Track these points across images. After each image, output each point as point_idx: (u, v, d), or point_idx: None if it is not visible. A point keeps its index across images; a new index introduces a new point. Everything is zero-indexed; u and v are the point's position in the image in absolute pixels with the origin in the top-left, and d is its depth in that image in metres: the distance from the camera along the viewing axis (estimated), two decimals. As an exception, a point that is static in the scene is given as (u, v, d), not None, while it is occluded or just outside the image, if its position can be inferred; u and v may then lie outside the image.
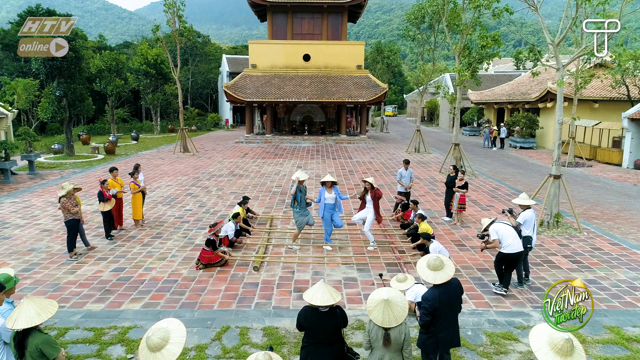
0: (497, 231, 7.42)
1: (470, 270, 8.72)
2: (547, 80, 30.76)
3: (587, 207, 14.17)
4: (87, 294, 7.61)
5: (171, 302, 7.33)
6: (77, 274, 8.45)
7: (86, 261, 9.12)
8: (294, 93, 30.14)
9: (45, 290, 7.71)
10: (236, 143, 31.05)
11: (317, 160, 23.64)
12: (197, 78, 51.68)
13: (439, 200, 14.37)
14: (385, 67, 41.19)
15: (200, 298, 7.46)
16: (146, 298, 7.44)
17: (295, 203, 9.73)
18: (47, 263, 9.02)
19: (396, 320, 3.97)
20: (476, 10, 17.74)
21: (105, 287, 7.87)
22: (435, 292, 4.66)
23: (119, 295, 7.56)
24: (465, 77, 17.93)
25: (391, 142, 33.05)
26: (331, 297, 4.23)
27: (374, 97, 30.18)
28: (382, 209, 13.31)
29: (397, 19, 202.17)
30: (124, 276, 8.35)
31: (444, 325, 4.65)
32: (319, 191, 9.87)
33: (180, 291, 7.71)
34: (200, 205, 13.84)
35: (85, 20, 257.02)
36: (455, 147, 19.01)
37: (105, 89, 31.58)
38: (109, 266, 8.86)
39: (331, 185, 9.77)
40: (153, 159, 23.95)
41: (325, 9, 32.09)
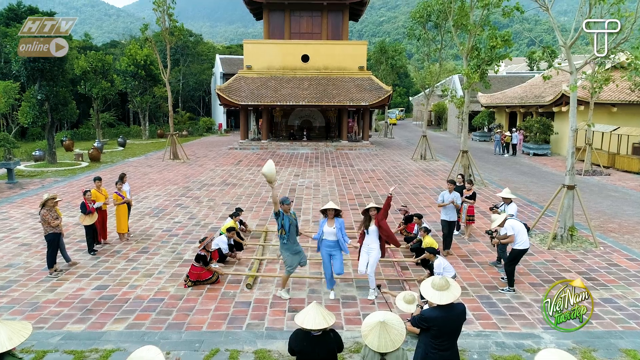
0: (514, 227, 8.35)
1: (477, 288, 8.75)
2: (562, 83, 30.91)
3: (604, 219, 14.21)
4: (68, 313, 7.63)
5: (157, 322, 7.35)
6: (57, 292, 8.48)
7: (67, 278, 9.15)
8: (291, 96, 30.30)
9: (22, 310, 7.74)
10: (230, 149, 31.17)
11: (316, 168, 23.73)
12: (189, 80, 51.98)
13: (446, 212, 14.39)
14: (389, 68, 41.44)
15: (188, 318, 7.48)
16: (130, 318, 7.47)
17: (282, 232, 7.94)
18: (25, 280, 9.05)
19: (393, 345, 4.00)
20: (485, 9, 17.91)
21: (87, 306, 7.90)
22: (435, 313, 4.68)
23: (101, 315, 7.58)
24: (473, 79, 18.06)
25: (396, 149, 33.16)
26: (324, 320, 4.26)
27: (377, 100, 30.33)
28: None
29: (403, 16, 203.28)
30: (107, 294, 8.38)
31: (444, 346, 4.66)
32: (320, 223, 8.34)
33: (167, 311, 7.74)
34: (190, 217, 13.89)
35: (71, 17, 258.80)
36: (463, 155, 19.08)
37: (90, 91, 31.80)
38: (91, 283, 8.89)
39: (334, 216, 8.09)
40: (140, 167, 24.04)
41: (325, 6, 32.36)
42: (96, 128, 32.66)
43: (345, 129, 32.77)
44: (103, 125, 39.38)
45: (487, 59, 18.42)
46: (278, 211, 7.82)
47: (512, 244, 8.59)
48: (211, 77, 53.33)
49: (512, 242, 8.47)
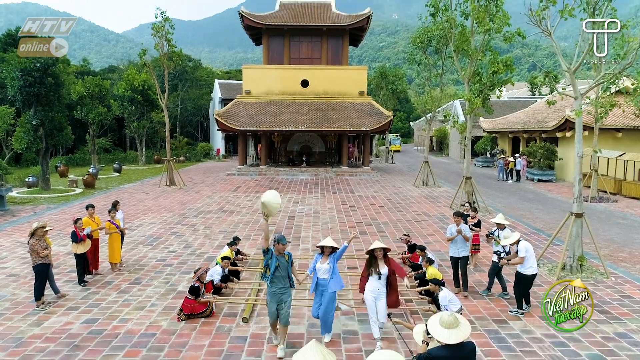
0: (528, 249, 8.48)
1: (485, 322, 8.49)
2: (565, 108, 31.08)
3: (613, 248, 14.00)
4: (54, 349, 7.37)
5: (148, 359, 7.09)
6: (43, 327, 8.22)
7: (55, 311, 8.90)
8: (291, 121, 30.41)
9: (6, 346, 7.48)
10: (228, 175, 31.09)
11: (315, 194, 23.59)
12: (187, 104, 52.34)
13: (450, 240, 14.18)
14: (389, 93, 41.75)
15: (180, 355, 7.22)
16: (119, 355, 7.20)
17: (267, 272, 7.10)
18: (11, 313, 8.80)
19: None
20: (486, 34, 18.08)
21: (74, 342, 7.63)
22: (443, 352, 4.47)
23: (89, 351, 7.32)
24: (476, 105, 18.12)
25: (397, 174, 33.09)
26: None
27: (377, 126, 30.42)
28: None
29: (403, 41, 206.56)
30: (95, 329, 8.12)
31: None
32: (314, 259, 7.82)
33: (159, 347, 7.47)
34: (186, 246, 13.68)
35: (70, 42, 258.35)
36: (466, 181, 18.98)
37: (86, 116, 31.92)
38: (79, 317, 8.63)
39: (330, 253, 7.56)
40: (136, 193, 23.90)
41: (324, 32, 32.79)
42: (92, 154, 32.67)
43: (346, 154, 32.79)
44: (99, 151, 39.38)
45: (489, 84, 18.55)
46: (268, 248, 7.09)
47: (520, 267, 8.62)
48: (210, 102, 53.72)
49: (521, 264, 8.50)
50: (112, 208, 11.61)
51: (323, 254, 7.61)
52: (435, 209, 19.67)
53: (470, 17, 18.56)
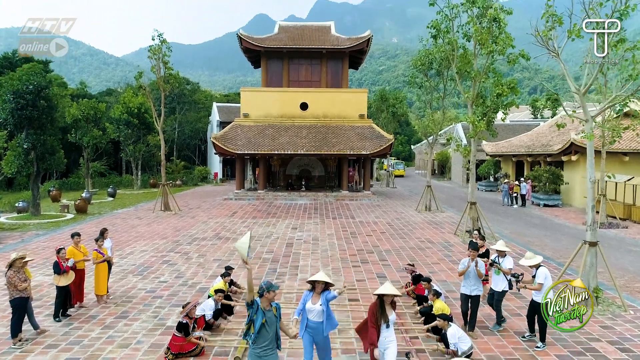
0: (547, 276, 8.41)
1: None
2: (569, 131, 30.84)
3: (628, 277, 13.46)
4: (26, 394, 6.81)
5: (129, 406, 6.53)
6: (18, 367, 7.66)
7: (32, 349, 8.34)
8: (289, 144, 30.11)
9: (-26, 390, 6.92)
10: (224, 200, 30.63)
11: (315, 220, 23.10)
12: (185, 128, 52.26)
13: (456, 269, 13.65)
14: (390, 116, 41.64)
15: (165, 401, 6.65)
16: (98, 401, 6.64)
17: (251, 329, 5.90)
18: (-15, 352, 8.24)
19: None
20: (489, 56, 17.90)
21: (50, 385, 7.07)
22: None
23: (65, 396, 6.76)
24: (479, 128, 17.80)
25: (398, 199, 32.64)
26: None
27: (378, 149, 30.11)
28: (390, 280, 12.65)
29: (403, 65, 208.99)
30: (75, 370, 7.57)
31: None
32: (303, 297, 6.93)
33: (142, 391, 6.91)
34: (178, 276, 13.14)
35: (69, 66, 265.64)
36: (471, 207, 18.54)
37: (80, 140, 31.64)
38: (58, 356, 8.07)
39: (322, 290, 6.70)
40: (129, 219, 23.41)
41: (324, 54, 32.79)
42: (85, 178, 32.28)
43: (346, 178, 32.40)
44: (93, 175, 39.04)
45: (493, 107, 18.26)
46: (252, 301, 5.82)
47: (535, 295, 8.47)
48: (208, 125, 53.64)
49: (539, 291, 8.32)
50: (99, 236, 11.14)
51: (314, 291, 6.74)
52: (440, 235, 19.16)
53: (473, 39, 18.43)
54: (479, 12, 18.25)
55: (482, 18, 18.10)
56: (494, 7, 17.43)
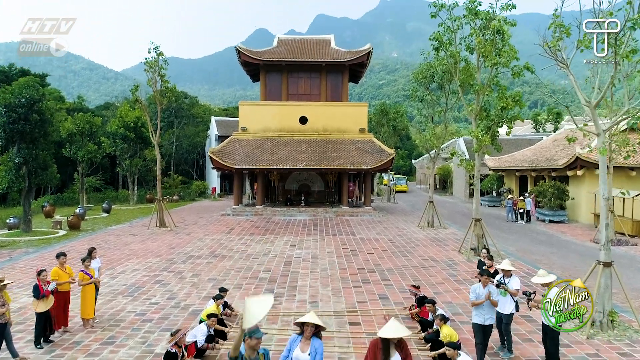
0: None
1: (511, 395, 7.38)
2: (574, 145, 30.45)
3: (643, 298, 12.90)
4: None
5: None
6: (-9, 401, 7.12)
7: (9, 380, 7.80)
8: (288, 159, 29.71)
9: None
10: (222, 216, 30.13)
11: (314, 236, 22.58)
12: (183, 142, 51.95)
13: (462, 290, 13.13)
14: (391, 130, 41.34)
15: None
16: None
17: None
18: (-43, 383, 7.70)
19: None
20: (493, 69, 17.57)
21: (24, 422, 6.52)
22: None
23: None
24: (484, 142, 17.40)
25: (400, 214, 32.14)
26: None
27: (379, 164, 29.70)
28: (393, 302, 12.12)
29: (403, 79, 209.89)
30: (52, 404, 7.02)
31: None
32: (289, 342, 5.95)
33: None
34: (170, 297, 12.60)
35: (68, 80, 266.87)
36: (476, 223, 18.05)
37: (75, 154, 31.23)
38: (36, 388, 7.53)
39: (311, 335, 5.75)
40: (123, 236, 22.89)
41: (324, 67, 32.56)
42: (80, 193, 31.80)
43: (346, 193, 31.93)
44: (89, 190, 38.58)
45: (497, 121, 17.88)
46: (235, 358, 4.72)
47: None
48: (206, 139, 53.34)
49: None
50: (86, 256, 10.63)
51: (303, 335, 5.77)
52: (443, 253, 18.63)
53: (476, 51, 18.12)
54: (482, 24, 18.00)
55: (485, 30, 17.84)
56: (497, 18, 17.14)
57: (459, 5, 18.56)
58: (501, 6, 17.44)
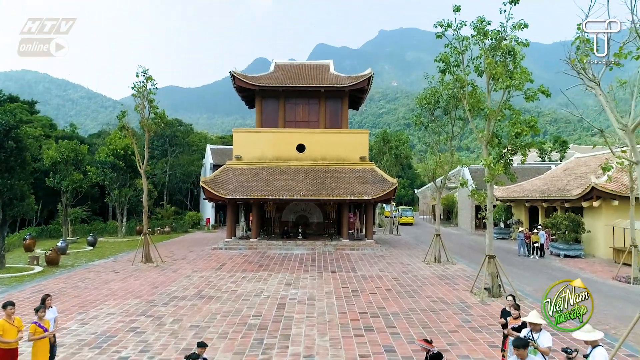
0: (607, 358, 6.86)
1: None
2: (586, 174, 29.18)
3: (689, 351, 11.34)
4: None
5: None
6: None
7: None
8: (285, 189, 28.38)
9: None
10: (213, 249, 28.59)
11: (312, 274, 21.02)
12: (177, 171, 50.68)
13: (479, 341, 11.59)
14: (393, 159, 40.13)
15: None
16: None
17: None
18: None
19: None
20: (505, 92, 16.42)
21: None
22: None
23: None
24: (496, 171, 16.12)
25: (404, 248, 30.60)
26: None
27: (381, 194, 28.35)
28: (401, 356, 10.55)
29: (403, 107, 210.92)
30: None
31: None
32: None
33: None
34: (143, 349, 11.05)
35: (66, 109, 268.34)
36: (489, 261, 16.57)
37: (59, 184, 29.88)
38: None
39: None
40: (104, 273, 21.33)
41: (322, 93, 31.56)
42: (63, 225, 30.29)
43: (346, 225, 30.44)
44: (75, 221, 37.06)
45: (511, 148, 16.63)
46: None
47: None
48: (201, 168, 52.15)
49: None
50: (40, 305, 9.20)
51: None
52: (453, 293, 17.07)
53: (485, 74, 17.01)
54: (492, 44, 16.96)
55: (495, 51, 16.77)
56: (509, 37, 16.09)
57: (466, 25, 17.56)
58: (512, 25, 16.43)
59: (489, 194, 17.08)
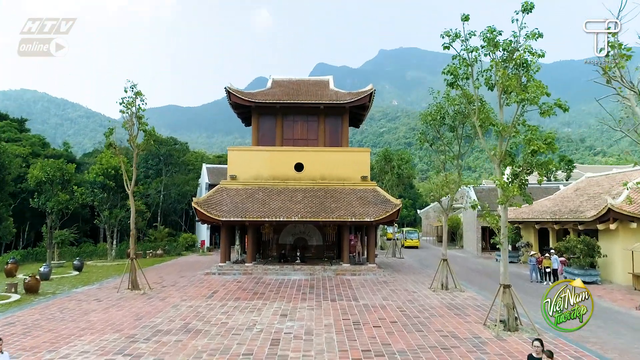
0: None
1: None
2: (600, 195, 27.94)
3: None
4: None
5: None
6: None
7: None
8: (282, 210, 27.08)
9: None
10: (206, 275, 27.18)
11: (310, 303, 19.58)
12: (171, 191, 49.39)
13: (500, 388, 10.16)
14: (395, 179, 38.87)
15: None
16: None
17: None
18: None
19: None
20: (519, 106, 15.25)
21: None
22: None
23: None
24: (511, 193, 14.84)
25: (408, 273, 29.15)
26: None
27: (384, 216, 27.03)
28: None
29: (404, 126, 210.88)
30: None
31: None
32: None
33: None
34: (113, 399, 9.62)
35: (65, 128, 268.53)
36: (505, 290, 15.19)
37: (44, 205, 28.58)
38: None
39: None
40: (85, 301, 19.91)
41: (322, 110, 30.48)
42: (48, 248, 28.88)
43: (347, 248, 29.00)
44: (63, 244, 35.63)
45: (526, 167, 15.38)
46: None
47: None
48: (196, 188, 50.91)
49: None
50: (-14, 352, 7.81)
51: None
52: (465, 326, 15.64)
53: (497, 87, 15.86)
54: (504, 55, 15.85)
55: (507, 62, 15.66)
56: (524, 47, 14.98)
57: (475, 35, 16.46)
58: (526, 35, 15.34)
59: (503, 217, 15.78)
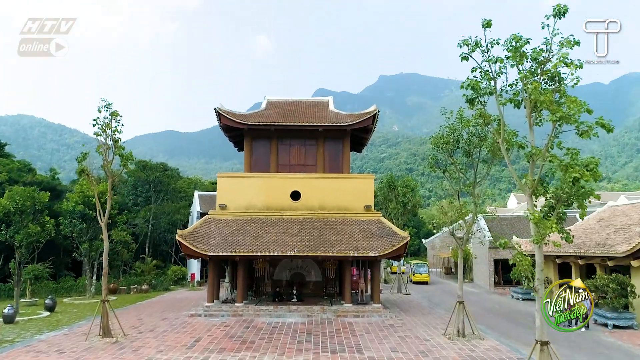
0: None
1: None
2: (629, 226, 25.48)
3: None
4: None
5: None
6: None
7: None
8: (277, 244, 24.58)
9: None
10: (190, 317, 24.47)
11: (306, 355, 16.92)
12: (161, 220, 46.84)
13: None
14: (400, 207, 36.40)
15: None
16: None
17: None
18: None
19: None
20: (555, 126, 12.94)
21: None
22: None
23: None
24: (549, 230, 12.42)
25: (417, 314, 26.41)
26: None
27: (390, 250, 24.52)
28: None
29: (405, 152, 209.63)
30: None
31: None
32: None
33: None
34: None
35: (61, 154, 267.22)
36: (542, 349, 12.55)
37: (12, 238, 26.07)
38: None
39: None
40: (44, 354, 17.21)
41: (321, 133, 28.24)
42: (15, 286, 26.22)
43: (348, 286, 26.31)
44: (40, 279, 32.90)
45: (565, 198, 12.96)
46: None
47: None
48: (188, 216, 48.41)
49: None
50: None
51: None
52: (494, 392, 12.97)
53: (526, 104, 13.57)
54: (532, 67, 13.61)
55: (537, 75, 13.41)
56: (560, 56, 12.73)
57: (498, 44, 14.24)
58: (560, 42, 13.12)
59: (538, 258, 13.33)
